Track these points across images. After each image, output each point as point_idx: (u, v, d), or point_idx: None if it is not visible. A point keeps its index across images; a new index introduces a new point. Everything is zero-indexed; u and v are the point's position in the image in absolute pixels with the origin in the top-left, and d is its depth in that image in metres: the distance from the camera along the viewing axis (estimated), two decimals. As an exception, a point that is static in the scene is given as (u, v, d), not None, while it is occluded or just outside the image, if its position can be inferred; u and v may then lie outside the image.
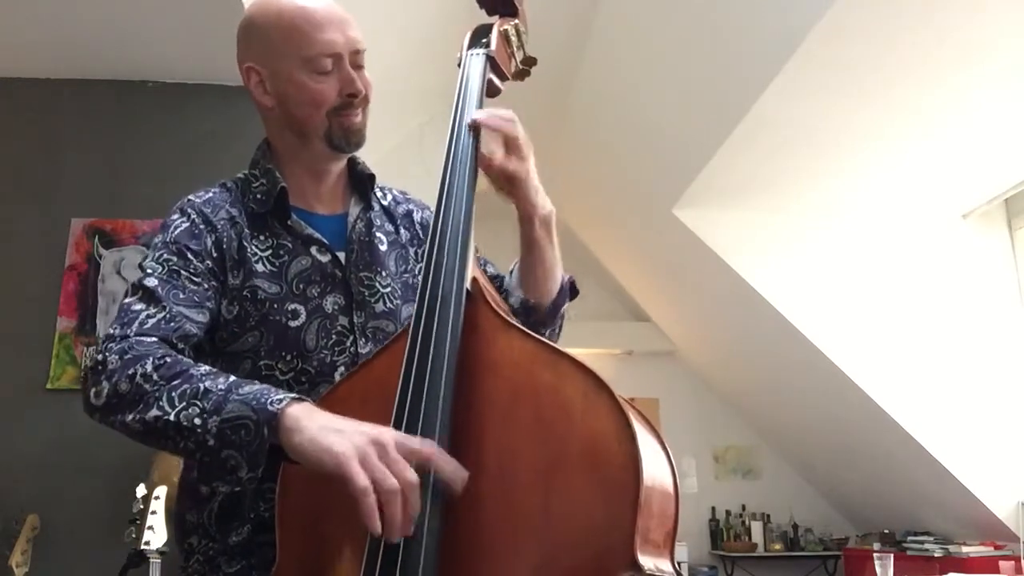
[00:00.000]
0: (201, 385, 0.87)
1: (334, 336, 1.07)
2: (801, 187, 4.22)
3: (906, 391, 4.31)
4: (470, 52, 1.15)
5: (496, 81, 1.16)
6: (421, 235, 1.23)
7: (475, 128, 1.03)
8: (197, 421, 0.84)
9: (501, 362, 0.85)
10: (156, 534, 2.14)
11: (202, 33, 2.80)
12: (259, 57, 1.09)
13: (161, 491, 2.20)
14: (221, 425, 0.83)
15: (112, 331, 0.95)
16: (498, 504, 0.79)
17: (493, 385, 0.84)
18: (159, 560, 2.11)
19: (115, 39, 2.92)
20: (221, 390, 0.85)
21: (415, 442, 0.78)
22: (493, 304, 0.90)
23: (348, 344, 1.08)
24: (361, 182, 1.19)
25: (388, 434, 0.78)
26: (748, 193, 4.29)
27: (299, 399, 0.84)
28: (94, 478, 2.71)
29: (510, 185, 1.05)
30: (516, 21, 1.22)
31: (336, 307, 1.09)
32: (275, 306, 1.05)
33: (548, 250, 1.12)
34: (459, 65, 1.14)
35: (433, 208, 0.99)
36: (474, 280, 0.92)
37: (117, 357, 0.91)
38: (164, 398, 0.86)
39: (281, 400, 0.83)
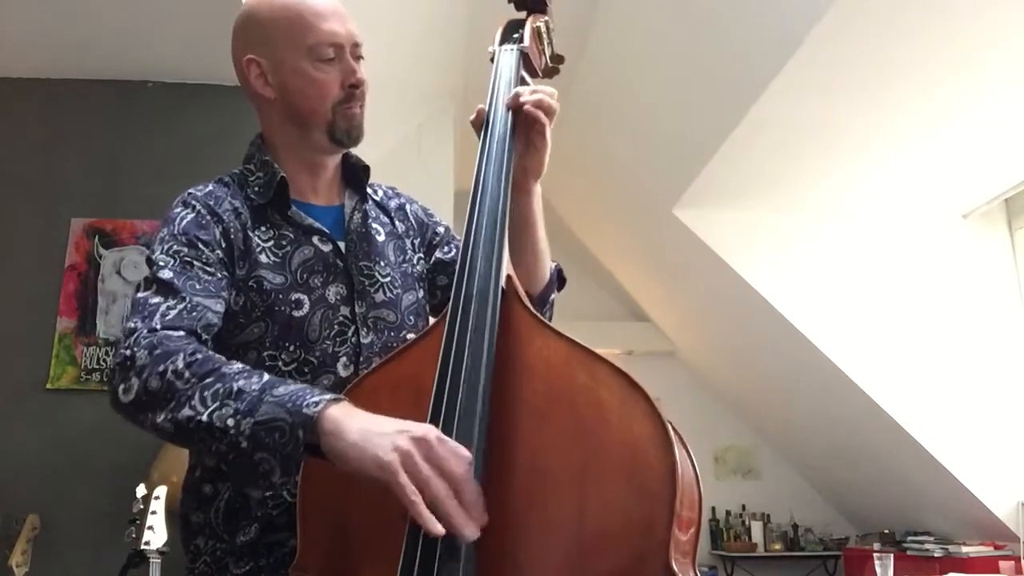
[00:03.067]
0: (235, 384, 0.84)
1: (336, 326, 1.07)
2: (801, 187, 4.22)
3: (906, 391, 4.31)
4: (503, 47, 1.15)
5: (527, 77, 1.16)
6: (415, 227, 1.24)
7: (515, 109, 1.05)
8: (230, 422, 0.81)
9: (536, 363, 0.84)
10: (156, 534, 2.14)
11: (202, 33, 2.80)
12: (260, 48, 1.09)
13: (161, 491, 2.19)
14: (255, 427, 0.80)
15: (134, 325, 0.92)
16: (532, 505, 0.78)
17: (528, 386, 0.83)
18: (159, 560, 2.11)
19: (115, 39, 2.92)
20: (255, 390, 0.83)
21: (458, 448, 0.76)
22: (527, 303, 0.90)
23: (350, 334, 1.07)
24: (355, 174, 1.19)
25: (432, 431, 0.76)
26: (748, 193, 4.30)
27: (337, 399, 0.82)
28: (94, 478, 2.70)
29: (538, 143, 1.07)
30: (547, 18, 1.22)
31: (338, 297, 1.08)
32: (280, 296, 1.05)
33: (540, 228, 1.13)
34: (491, 60, 1.15)
35: (468, 202, 0.99)
36: (508, 278, 0.91)
37: (146, 352, 0.88)
38: (196, 397, 0.84)
39: (318, 403, 0.80)
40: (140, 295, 0.97)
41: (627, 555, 0.73)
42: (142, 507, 2.18)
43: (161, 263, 0.99)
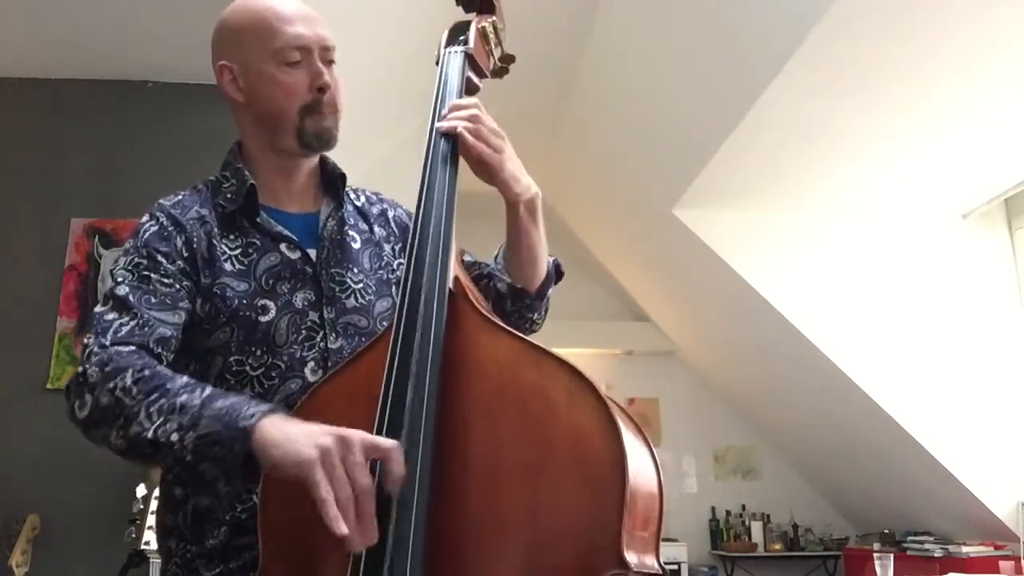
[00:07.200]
0: (178, 400, 0.87)
1: (304, 331, 1.07)
2: (801, 187, 4.22)
3: (906, 391, 4.31)
4: (448, 50, 1.16)
5: (474, 79, 1.17)
6: (397, 232, 1.24)
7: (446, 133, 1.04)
8: (174, 437, 0.85)
9: (485, 361, 0.85)
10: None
11: (202, 33, 2.78)
12: (231, 54, 1.12)
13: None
14: (197, 441, 0.84)
15: (88, 342, 0.96)
16: (484, 504, 0.79)
17: (477, 385, 0.84)
18: (159, 560, 2.11)
19: (115, 39, 2.92)
20: (196, 404, 0.87)
21: (381, 441, 0.78)
22: (476, 303, 0.90)
23: (318, 339, 1.08)
24: (333, 181, 1.20)
25: (356, 435, 0.78)
26: (748, 193, 4.30)
27: (272, 410, 0.85)
28: (94, 478, 2.71)
29: (486, 172, 1.07)
30: (493, 18, 1.23)
31: (306, 303, 1.09)
32: (244, 302, 1.06)
33: (534, 234, 1.13)
34: (437, 63, 1.15)
35: (413, 206, 0.99)
36: (456, 279, 0.92)
37: (97, 370, 0.92)
38: (143, 413, 0.87)
39: (252, 415, 0.83)
40: (98, 310, 1.00)
41: (580, 547, 0.74)
42: (142, 507, 2.18)
43: (119, 279, 1.02)
